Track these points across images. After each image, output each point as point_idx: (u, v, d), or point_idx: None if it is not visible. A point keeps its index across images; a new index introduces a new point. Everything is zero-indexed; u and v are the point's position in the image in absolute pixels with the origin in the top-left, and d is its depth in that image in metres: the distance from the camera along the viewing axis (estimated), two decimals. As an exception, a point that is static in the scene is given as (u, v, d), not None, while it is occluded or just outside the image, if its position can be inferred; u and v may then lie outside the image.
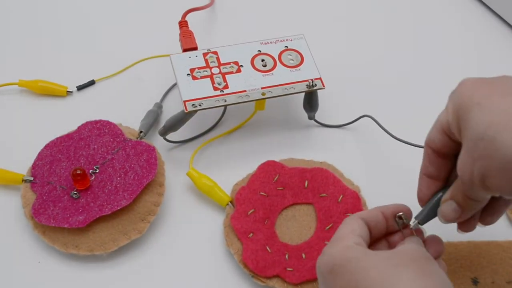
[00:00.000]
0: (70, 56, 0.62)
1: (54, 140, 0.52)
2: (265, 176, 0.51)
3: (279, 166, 0.52)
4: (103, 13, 0.67)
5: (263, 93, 0.51)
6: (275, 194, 0.50)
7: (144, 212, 0.49)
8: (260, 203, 0.50)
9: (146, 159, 0.50)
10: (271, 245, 0.48)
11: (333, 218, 0.49)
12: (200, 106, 0.50)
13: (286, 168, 0.52)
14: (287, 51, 0.54)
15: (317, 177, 0.51)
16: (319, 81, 0.52)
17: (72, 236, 0.47)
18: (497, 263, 0.48)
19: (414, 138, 0.55)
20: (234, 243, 0.48)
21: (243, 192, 0.50)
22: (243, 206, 0.49)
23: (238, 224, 0.48)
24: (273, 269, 0.46)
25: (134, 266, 0.48)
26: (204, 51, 0.54)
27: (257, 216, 0.49)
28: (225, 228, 0.49)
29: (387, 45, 0.65)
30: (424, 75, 0.62)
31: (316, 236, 0.48)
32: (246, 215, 0.49)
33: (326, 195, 0.50)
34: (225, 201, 0.50)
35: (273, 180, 0.51)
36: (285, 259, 0.47)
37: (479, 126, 0.35)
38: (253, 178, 0.51)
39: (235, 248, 0.48)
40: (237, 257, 0.47)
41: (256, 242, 0.48)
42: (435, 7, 0.69)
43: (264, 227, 0.49)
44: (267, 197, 0.50)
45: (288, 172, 0.51)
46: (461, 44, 0.65)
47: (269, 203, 0.50)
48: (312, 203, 0.50)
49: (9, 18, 0.66)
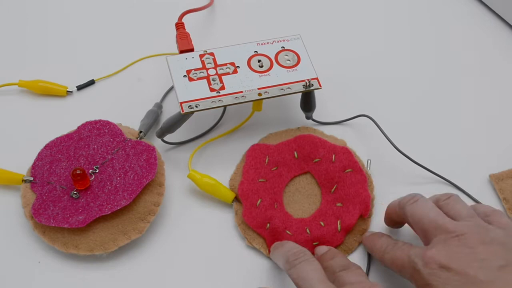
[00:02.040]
0: (70, 56, 0.62)
1: (54, 140, 0.52)
2: (256, 161, 0.52)
3: (264, 147, 0.52)
4: (102, 13, 0.67)
5: (260, 94, 0.51)
6: (272, 176, 0.51)
7: (144, 212, 0.49)
8: (263, 191, 0.50)
9: (146, 159, 0.50)
10: (289, 227, 0.48)
11: (334, 179, 0.50)
12: (197, 108, 0.50)
13: (271, 146, 0.52)
14: (284, 52, 0.54)
15: (304, 144, 0.52)
16: (316, 81, 0.52)
17: (72, 236, 0.48)
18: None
19: (414, 138, 0.56)
20: (255, 238, 0.49)
21: (243, 187, 0.50)
22: (249, 199, 0.50)
23: (252, 220, 0.49)
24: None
25: (134, 266, 0.48)
26: (201, 53, 0.54)
27: (266, 204, 0.50)
28: (239, 226, 0.50)
29: (385, 44, 0.65)
30: (423, 75, 0.62)
31: (325, 201, 0.50)
32: (255, 207, 0.49)
33: (319, 159, 0.51)
34: (230, 197, 0.51)
35: (264, 163, 0.51)
36: (308, 234, 0.48)
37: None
38: (246, 168, 0.51)
39: (258, 243, 0.49)
40: (264, 250, 0.48)
41: (275, 231, 0.48)
42: (434, 6, 0.68)
43: (276, 212, 0.49)
44: (266, 182, 0.51)
45: (275, 150, 0.52)
46: (461, 44, 0.65)
47: (271, 187, 0.50)
48: (308, 171, 0.51)
49: (9, 18, 0.66)
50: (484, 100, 0.60)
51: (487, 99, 0.60)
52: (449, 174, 0.53)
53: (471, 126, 0.58)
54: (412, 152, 0.53)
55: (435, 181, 0.53)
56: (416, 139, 0.56)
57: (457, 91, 0.60)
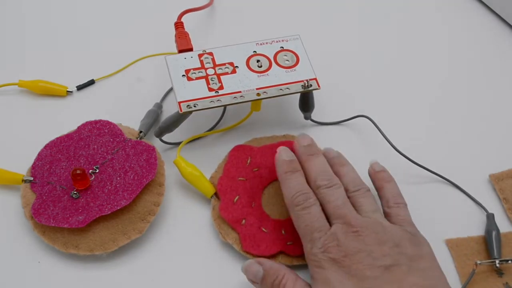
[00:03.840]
0: (70, 56, 0.62)
1: (54, 140, 0.52)
2: (238, 161, 0.52)
3: (247, 148, 0.53)
4: (102, 12, 0.67)
5: (258, 94, 0.51)
6: (252, 176, 0.51)
7: (144, 212, 0.49)
8: (242, 189, 0.50)
9: (146, 159, 0.50)
10: (265, 225, 0.49)
11: None
12: (195, 107, 0.50)
13: (254, 148, 0.53)
14: (283, 52, 0.54)
15: None
16: (314, 82, 0.52)
17: (72, 236, 0.48)
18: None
19: (413, 138, 0.56)
20: (229, 233, 0.49)
21: (222, 182, 0.51)
22: (227, 195, 0.50)
23: (228, 214, 0.49)
24: (275, 247, 0.47)
25: (134, 266, 0.48)
26: (200, 52, 0.54)
27: (243, 201, 0.50)
28: (215, 220, 0.50)
29: (384, 45, 0.65)
30: (422, 75, 0.62)
31: None
32: (232, 203, 0.50)
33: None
34: (210, 192, 0.51)
35: (246, 164, 0.52)
36: (283, 234, 0.48)
37: None
38: (227, 166, 0.52)
39: (232, 238, 0.48)
40: (237, 246, 0.48)
41: (250, 227, 0.48)
42: (434, 7, 0.68)
43: (253, 210, 0.49)
44: (246, 181, 0.51)
45: (258, 152, 0.52)
46: (461, 44, 0.65)
47: (250, 186, 0.51)
48: None
49: (9, 18, 0.66)
50: (484, 100, 0.60)
51: (487, 99, 0.60)
52: (449, 174, 0.53)
53: (471, 126, 0.58)
54: (411, 152, 0.53)
55: (435, 180, 0.53)
56: (415, 139, 0.56)
57: (457, 91, 0.60)
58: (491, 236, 0.48)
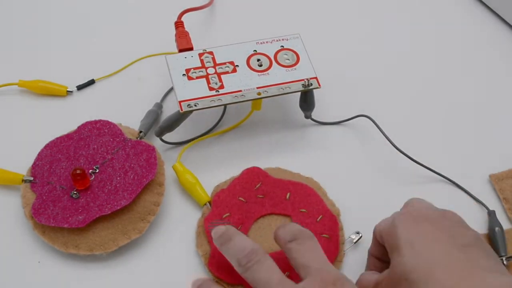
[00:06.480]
0: (70, 56, 0.62)
1: (54, 140, 0.52)
2: (247, 182, 0.51)
3: (263, 174, 0.51)
4: (101, 12, 0.67)
5: (259, 93, 0.51)
6: (254, 201, 0.50)
7: (144, 212, 0.49)
8: (237, 208, 0.49)
9: (146, 159, 0.50)
10: None
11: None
12: (196, 107, 0.50)
13: (270, 177, 0.51)
14: (283, 51, 0.54)
15: (300, 192, 0.50)
16: (315, 81, 0.52)
17: (72, 236, 0.48)
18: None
19: (413, 138, 0.56)
20: (203, 245, 0.48)
21: (221, 195, 0.50)
22: (219, 208, 0.49)
23: (210, 226, 0.48)
24: (237, 279, 0.44)
25: (134, 266, 0.48)
26: (200, 51, 0.54)
27: (232, 220, 0.49)
28: (198, 227, 0.49)
29: (385, 44, 0.65)
30: (423, 74, 0.62)
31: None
32: (220, 218, 0.49)
33: (305, 211, 0.49)
34: (203, 200, 0.50)
35: (254, 187, 0.50)
36: None
37: (406, 267, 0.38)
38: (234, 182, 0.51)
39: (203, 250, 0.48)
40: (204, 260, 0.47)
41: None
42: (435, 6, 0.68)
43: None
44: (245, 203, 0.50)
45: (271, 181, 0.51)
46: (461, 44, 0.65)
47: (246, 209, 0.49)
48: (290, 215, 0.49)
49: (8, 18, 0.66)
50: (484, 100, 0.60)
51: (487, 99, 0.60)
52: (449, 174, 0.53)
53: (471, 126, 0.57)
54: (412, 152, 0.53)
55: (436, 180, 0.53)
56: (416, 139, 0.56)
57: (457, 91, 0.60)
58: (495, 233, 0.48)
